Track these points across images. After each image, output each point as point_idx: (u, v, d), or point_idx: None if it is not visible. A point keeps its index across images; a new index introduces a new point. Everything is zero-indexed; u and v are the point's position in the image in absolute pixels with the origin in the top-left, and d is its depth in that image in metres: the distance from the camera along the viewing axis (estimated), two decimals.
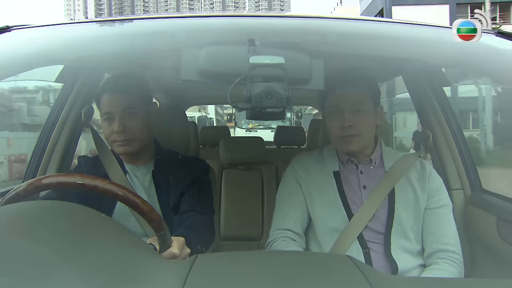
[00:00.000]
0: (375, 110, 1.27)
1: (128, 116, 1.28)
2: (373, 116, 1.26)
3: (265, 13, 1.19)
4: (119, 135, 1.27)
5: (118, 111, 1.27)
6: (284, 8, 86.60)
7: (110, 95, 1.30)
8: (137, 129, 1.29)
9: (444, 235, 1.23)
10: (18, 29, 1.19)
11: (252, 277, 0.63)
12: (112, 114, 1.28)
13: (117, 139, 1.28)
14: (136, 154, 1.33)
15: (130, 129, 1.27)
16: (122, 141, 1.28)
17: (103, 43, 1.26)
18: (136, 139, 1.29)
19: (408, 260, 1.21)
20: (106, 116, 1.29)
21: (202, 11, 13.30)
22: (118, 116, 1.27)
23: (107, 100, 1.30)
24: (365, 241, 1.21)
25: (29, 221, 0.70)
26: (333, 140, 1.28)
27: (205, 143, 2.86)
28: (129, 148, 1.29)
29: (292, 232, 1.25)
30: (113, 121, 1.28)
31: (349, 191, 1.26)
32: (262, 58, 0.89)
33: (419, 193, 1.25)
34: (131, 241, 0.75)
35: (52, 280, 0.56)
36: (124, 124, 1.27)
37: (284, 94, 0.88)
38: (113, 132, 1.27)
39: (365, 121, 1.23)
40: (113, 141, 1.29)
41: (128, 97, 1.29)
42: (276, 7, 73.59)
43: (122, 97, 1.29)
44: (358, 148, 1.26)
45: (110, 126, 1.28)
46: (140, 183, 1.33)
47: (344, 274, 0.65)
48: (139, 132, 1.30)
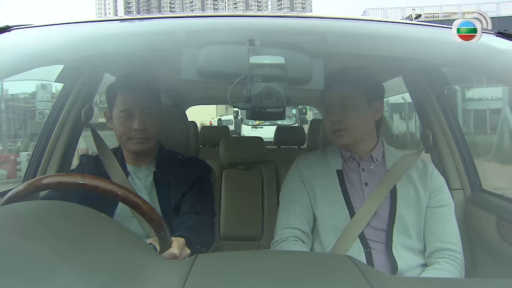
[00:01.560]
0: (370, 106, 1.27)
1: (148, 115, 1.29)
2: (366, 111, 1.26)
3: (265, 13, 1.18)
4: (139, 132, 1.27)
5: (139, 108, 1.28)
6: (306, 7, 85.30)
7: (129, 93, 1.30)
8: (155, 128, 1.31)
9: (445, 234, 1.23)
10: (18, 29, 1.19)
11: (252, 277, 0.63)
12: (132, 112, 1.28)
13: (135, 136, 1.28)
14: (145, 153, 1.34)
15: (149, 127, 1.28)
16: (141, 139, 1.28)
17: (103, 43, 1.26)
18: (153, 137, 1.31)
19: (409, 258, 1.21)
20: (124, 113, 1.29)
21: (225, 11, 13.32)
22: (138, 114, 1.27)
23: (125, 97, 1.29)
24: (366, 239, 1.22)
25: (29, 221, 0.70)
26: (329, 136, 1.31)
27: (205, 143, 2.86)
28: (145, 146, 1.30)
29: (300, 232, 1.26)
30: (132, 119, 1.27)
31: (351, 189, 1.26)
32: (262, 58, 0.89)
33: (421, 191, 1.26)
34: (131, 241, 0.75)
35: (52, 280, 0.56)
36: (144, 122, 1.27)
37: (284, 94, 0.88)
38: (131, 129, 1.27)
39: (354, 115, 1.24)
40: (130, 138, 1.29)
41: (148, 96, 1.31)
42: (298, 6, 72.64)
43: (142, 95, 1.30)
44: (348, 142, 1.27)
45: (129, 123, 1.28)
46: (142, 184, 1.33)
47: (344, 274, 0.65)
48: (156, 131, 1.32)
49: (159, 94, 1.39)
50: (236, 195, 2.20)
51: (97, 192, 0.86)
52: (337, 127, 1.25)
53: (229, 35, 1.18)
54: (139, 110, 1.28)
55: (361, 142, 1.28)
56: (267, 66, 0.89)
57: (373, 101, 1.27)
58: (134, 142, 1.29)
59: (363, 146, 1.29)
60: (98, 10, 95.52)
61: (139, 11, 70.12)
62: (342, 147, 1.30)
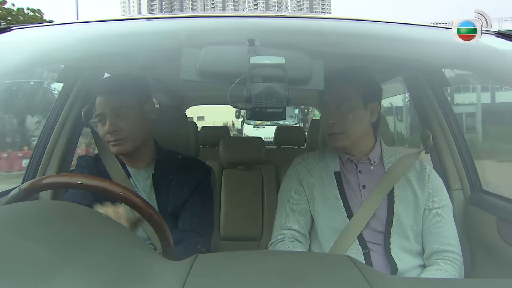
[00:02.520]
0: (366, 107, 1.26)
1: (117, 116, 1.28)
2: (362, 113, 1.25)
3: (265, 13, 1.18)
4: (110, 135, 1.28)
5: (108, 111, 1.28)
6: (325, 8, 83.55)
7: (101, 97, 1.31)
8: (128, 128, 1.29)
9: (444, 235, 1.23)
10: (18, 29, 1.19)
11: (252, 277, 0.63)
12: (104, 115, 1.29)
13: (109, 139, 1.29)
14: (134, 154, 1.33)
15: (121, 129, 1.28)
16: (115, 141, 1.28)
17: (103, 43, 1.26)
18: (129, 138, 1.29)
19: (408, 260, 1.21)
20: (99, 118, 1.31)
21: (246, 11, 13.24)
22: (108, 117, 1.28)
23: (98, 102, 1.31)
24: (365, 241, 1.21)
25: (29, 221, 0.70)
26: (326, 137, 1.30)
27: (205, 143, 2.86)
28: (123, 148, 1.29)
29: (297, 233, 1.25)
30: (105, 122, 1.29)
31: (349, 191, 1.26)
32: (262, 58, 0.89)
33: (418, 193, 1.25)
34: (131, 241, 0.75)
35: (52, 280, 0.56)
36: (114, 124, 1.27)
37: (284, 94, 0.88)
38: (105, 132, 1.28)
39: (349, 118, 1.23)
40: (107, 141, 1.30)
41: (118, 98, 1.29)
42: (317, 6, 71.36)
43: (112, 97, 1.29)
44: (343, 145, 1.26)
45: (103, 127, 1.29)
46: (141, 187, 1.33)
47: (344, 274, 0.65)
48: (131, 132, 1.29)
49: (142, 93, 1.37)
50: (236, 195, 2.20)
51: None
52: (332, 131, 1.25)
53: (229, 35, 1.18)
54: (108, 112, 1.28)
55: (357, 144, 1.28)
56: (267, 66, 0.89)
57: (369, 102, 1.26)
58: (111, 145, 1.29)
59: (360, 148, 1.28)
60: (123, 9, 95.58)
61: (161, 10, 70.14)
62: (338, 150, 1.30)
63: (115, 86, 1.33)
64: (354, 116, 1.24)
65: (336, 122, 1.23)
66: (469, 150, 1.59)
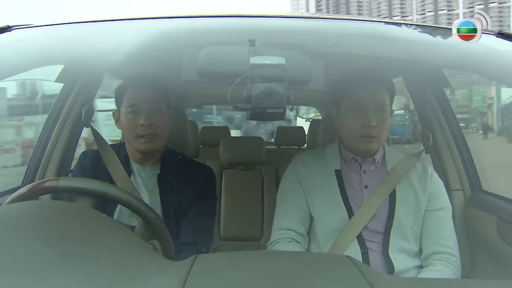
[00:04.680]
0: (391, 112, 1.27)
1: (155, 111, 1.26)
2: (390, 117, 1.26)
3: (265, 13, 1.18)
4: (145, 128, 1.24)
5: (145, 104, 1.26)
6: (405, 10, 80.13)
7: (137, 88, 1.28)
8: (162, 125, 1.28)
9: (442, 237, 1.23)
10: (19, 29, 1.19)
11: (252, 277, 0.63)
12: (139, 107, 1.26)
13: (142, 133, 1.25)
14: (151, 153, 1.32)
15: (156, 124, 1.26)
16: (149, 136, 1.25)
17: (103, 43, 1.26)
18: (161, 135, 1.28)
19: (405, 260, 1.21)
20: (131, 109, 1.27)
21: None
22: (145, 110, 1.25)
23: (133, 93, 1.28)
24: (364, 240, 1.21)
25: (29, 221, 0.70)
26: (350, 137, 1.26)
27: (205, 143, 2.86)
28: (153, 145, 1.27)
29: (295, 233, 1.25)
30: (138, 114, 1.25)
31: (350, 190, 1.25)
32: (263, 58, 0.89)
33: (420, 194, 1.25)
34: (131, 241, 0.75)
35: (52, 279, 0.56)
36: (151, 117, 1.25)
37: (284, 94, 0.88)
38: (137, 125, 1.25)
39: (387, 122, 1.24)
40: (138, 135, 1.26)
41: (156, 93, 1.29)
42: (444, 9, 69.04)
43: (150, 91, 1.28)
44: (376, 148, 1.26)
45: (135, 119, 1.26)
46: (144, 184, 1.32)
47: (344, 274, 0.65)
48: (164, 129, 1.29)
49: (167, 93, 1.37)
50: (236, 195, 2.20)
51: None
52: (370, 133, 1.21)
53: (230, 35, 1.18)
54: (145, 105, 1.25)
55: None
56: (268, 67, 0.89)
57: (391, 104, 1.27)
58: (142, 141, 1.26)
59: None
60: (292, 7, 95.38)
61: (328, 11, 69.56)
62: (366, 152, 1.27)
63: (151, 82, 1.31)
64: (389, 121, 1.25)
65: (376, 125, 1.20)
66: (469, 150, 1.59)
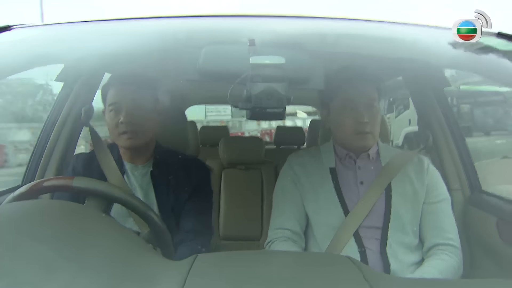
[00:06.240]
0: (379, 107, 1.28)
1: (135, 107, 1.26)
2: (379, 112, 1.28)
3: (265, 13, 1.18)
4: (126, 125, 1.25)
5: (125, 101, 1.26)
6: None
7: (118, 86, 1.29)
8: (143, 121, 1.27)
9: (443, 229, 1.23)
10: (19, 28, 1.19)
11: (252, 277, 0.63)
12: (119, 104, 1.26)
13: (123, 130, 1.26)
14: (138, 150, 1.32)
15: (137, 121, 1.26)
16: (129, 133, 1.26)
17: (103, 43, 1.26)
18: (142, 132, 1.28)
19: (405, 255, 1.21)
20: (112, 107, 1.27)
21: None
22: (125, 107, 1.26)
23: (114, 91, 1.28)
24: (361, 238, 1.21)
25: (29, 221, 0.70)
26: (344, 135, 1.26)
27: (205, 143, 2.87)
28: (136, 141, 1.27)
29: (291, 232, 1.25)
30: (119, 112, 1.26)
31: (345, 187, 1.25)
32: (263, 58, 0.89)
33: (417, 187, 1.25)
34: (131, 241, 0.75)
35: (52, 279, 0.56)
36: (131, 114, 1.25)
37: (284, 94, 0.88)
38: (119, 123, 1.25)
39: (378, 117, 1.25)
40: (119, 133, 1.27)
41: (136, 89, 1.29)
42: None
43: (130, 88, 1.28)
44: (371, 144, 1.27)
45: (116, 116, 1.26)
46: (138, 183, 1.32)
47: (344, 274, 0.65)
48: (145, 125, 1.28)
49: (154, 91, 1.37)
50: (236, 195, 2.20)
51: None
52: (364, 129, 1.22)
53: (230, 35, 1.18)
54: (126, 102, 1.26)
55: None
56: (268, 66, 0.89)
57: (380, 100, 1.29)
58: (124, 138, 1.26)
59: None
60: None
61: None
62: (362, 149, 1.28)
63: (133, 79, 1.31)
64: (379, 116, 1.26)
65: (368, 121, 1.22)
66: (468, 150, 1.59)
